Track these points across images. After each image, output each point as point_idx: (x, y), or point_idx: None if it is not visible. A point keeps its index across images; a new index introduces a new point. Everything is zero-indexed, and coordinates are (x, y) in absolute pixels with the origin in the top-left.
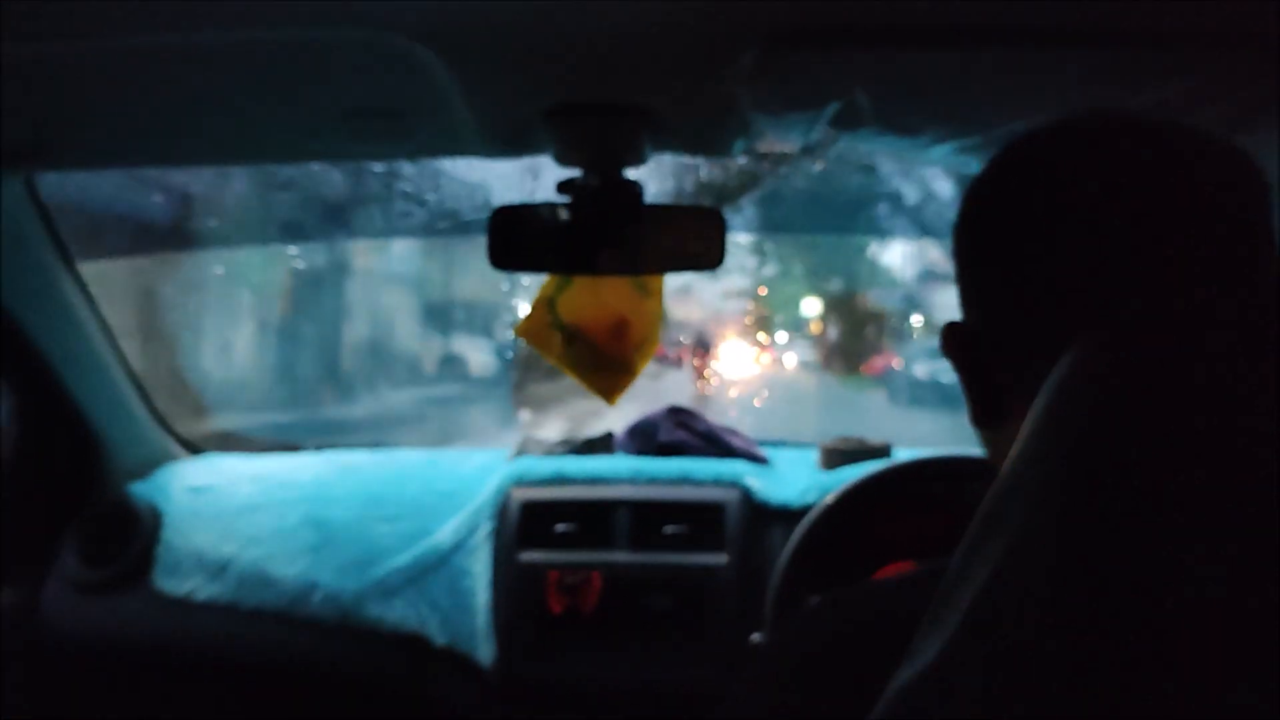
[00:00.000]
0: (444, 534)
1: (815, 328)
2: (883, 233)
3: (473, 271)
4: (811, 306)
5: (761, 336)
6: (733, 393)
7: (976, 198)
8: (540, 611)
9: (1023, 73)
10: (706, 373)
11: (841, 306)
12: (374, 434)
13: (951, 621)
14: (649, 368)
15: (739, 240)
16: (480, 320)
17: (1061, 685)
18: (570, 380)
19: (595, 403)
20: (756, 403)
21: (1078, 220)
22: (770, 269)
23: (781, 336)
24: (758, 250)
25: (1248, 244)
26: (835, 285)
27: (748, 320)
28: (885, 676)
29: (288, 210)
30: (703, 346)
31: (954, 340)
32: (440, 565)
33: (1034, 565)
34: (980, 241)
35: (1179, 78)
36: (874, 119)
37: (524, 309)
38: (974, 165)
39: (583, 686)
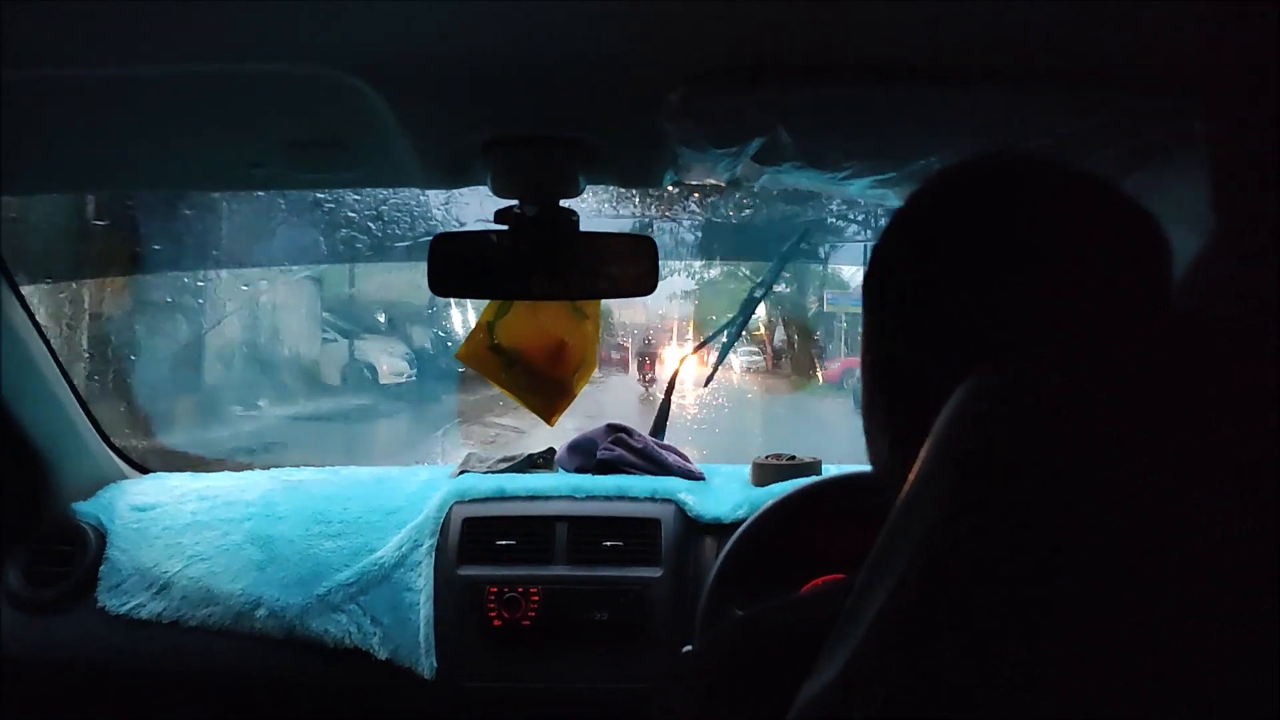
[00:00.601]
0: (387, 550)
1: (762, 332)
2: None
3: (383, 269)
4: (757, 310)
5: (707, 340)
6: (679, 400)
7: (882, 240)
8: (481, 625)
9: (935, 110)
10: (650, 378)
11: (792, 310)
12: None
13: (857, 634)
14: (595, 373)
15: (685, 237)
16: (398, 322)
17: (963, 695)
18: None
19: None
20: (697, 412)
21: (973, 261)
22: (715, 270)
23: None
24: (703, 250)
25: (1137, 281)
26: (784, 288)
27: (692, 324)
28: (798, 688)
29: (225, 236)
30: (648, 352)
31: (865, 360)
32: (383, 581)
33: (933, 578)
34: (886, 280)
35: (1083, 117)
36: (795, 154)
37: (453, 315)
38: (891, 198)
39: (522, 697)
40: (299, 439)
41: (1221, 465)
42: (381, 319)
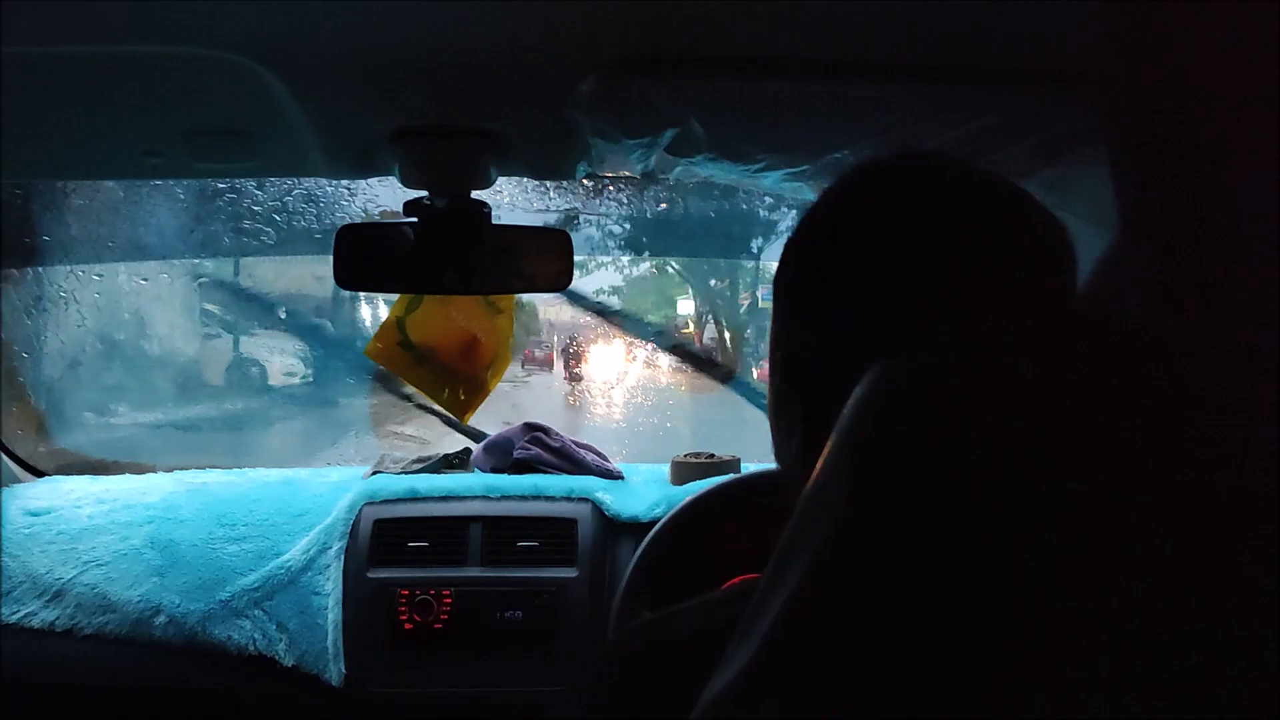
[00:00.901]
0: (294, 553)
1: (690, 329)
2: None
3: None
4: (685, 306)
5: (634, 339)
6: (603, 399)
7: (791, 241)
8: (391, 629)
9: (847, 105)
10: (576, 377)
11: (723, 306)
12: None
13: (760, 632)
14: (517, 372)
15: (613, 230)
16: (295, 316)
17: (864, 691)
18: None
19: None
20: (619, 412)
21: (880, 258)
22: (645, 265)
23: (660, 337)
24: (632, 244)
25: (1039, 277)
26: (716, 283)
27: (617, 321)
28: (700, 690)
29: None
30: (573, 350)
31: (772, 363)
32: (289, 585)
33: (835, 575)
34: (794, 277)
35: (989, 114)
36: (708, 146)
37: (362, 310)
38: (805, 191)
39: (434, 702)
40: (168, 447)
41: (1117, 462)
42: (282, 314)
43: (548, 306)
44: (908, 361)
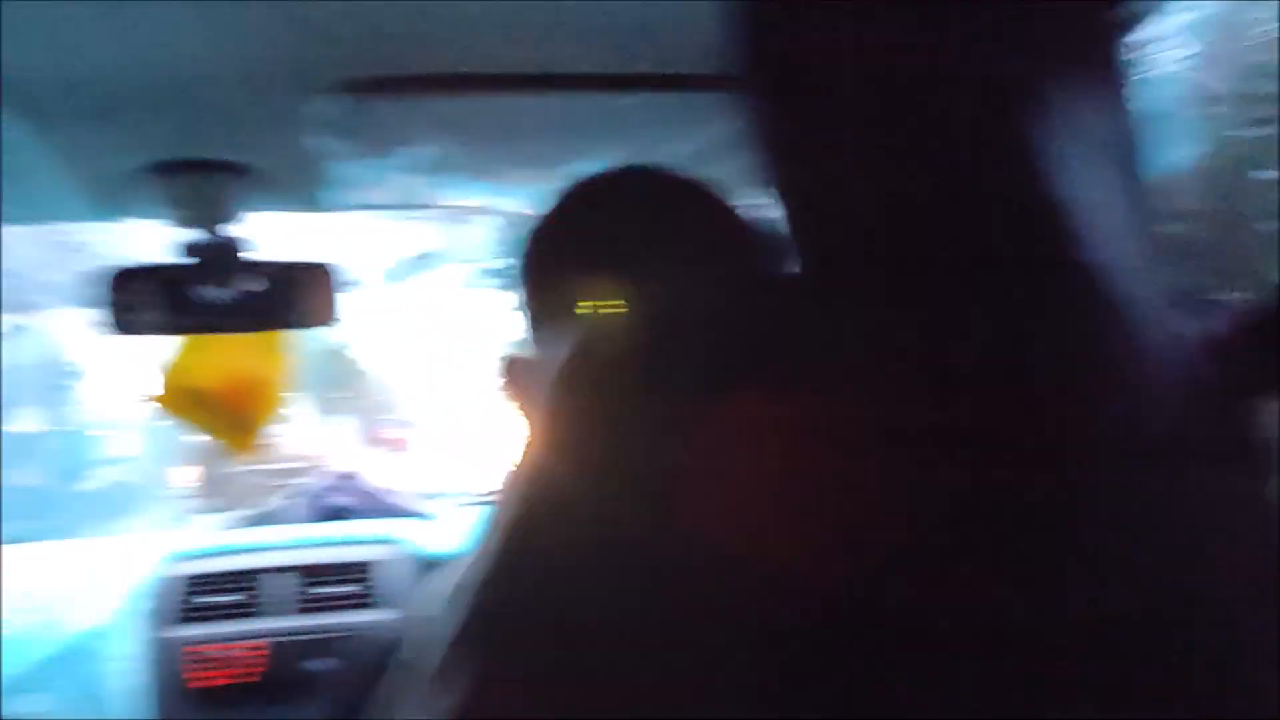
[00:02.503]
0: (96, 619)
1: None
2: None
3: None
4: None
5: None
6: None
7: (526, 243)
8: (200, 687)
9: (586, 118)
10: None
11: None
12: None
13: (453, 629)
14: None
15: None
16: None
17: (532, 690)
18: None
19: None
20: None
21: (587, 256)
22: None
23: None
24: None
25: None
26: None
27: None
28: None
29: None
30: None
31: (511, 373)
32: (92, 652)
33: (498, 577)
34: (527, 278)
35: (714, 125)
36: (452, 165)
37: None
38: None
39: None
40: None
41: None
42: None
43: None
44: (581, 338)
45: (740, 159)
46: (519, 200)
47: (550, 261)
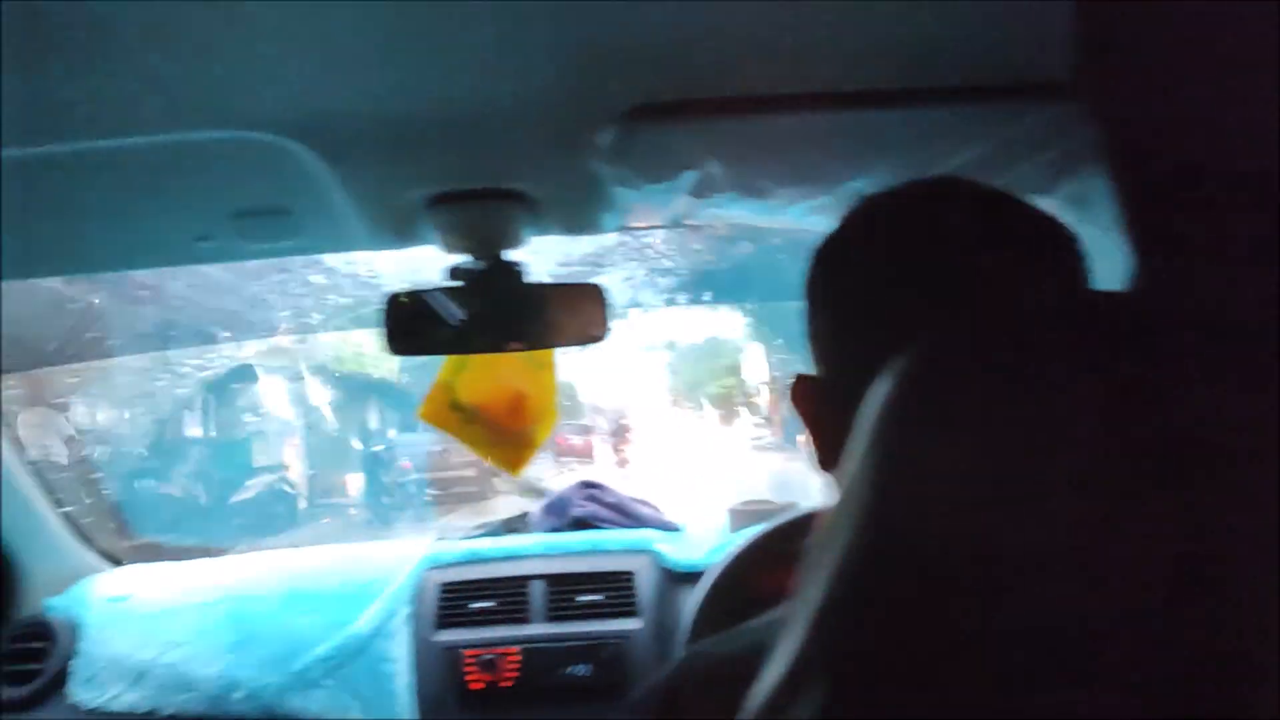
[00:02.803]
0: (363, 621)
1: (766, 398)
2: None
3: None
4: (757, 370)
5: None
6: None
7: (815, 258)
8: (461, 689)
9: (860, 134)
10: (624, 462)
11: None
12: None
13: (799, 634)
14: (547, 469)
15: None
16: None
17: (907, 678)
18: None
19: None
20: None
21: (895, 274)
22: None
23: (722, 409)
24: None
25: (1041, 279)
26: (781, 343)
27: (672, 391)
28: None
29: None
30: (619, 431)
31: (800, 392)
32: (360, 653)
33: (864, 567)
34: (818, 295)
35: (1000, 130)
36: (729, 186)
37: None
38: (826, 224)
39: None
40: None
41: (1136, 439)
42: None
43: (590, 387)
44: (918, 353)
45: (1017, 172)
46: (793, 219)
47: (855, 280)
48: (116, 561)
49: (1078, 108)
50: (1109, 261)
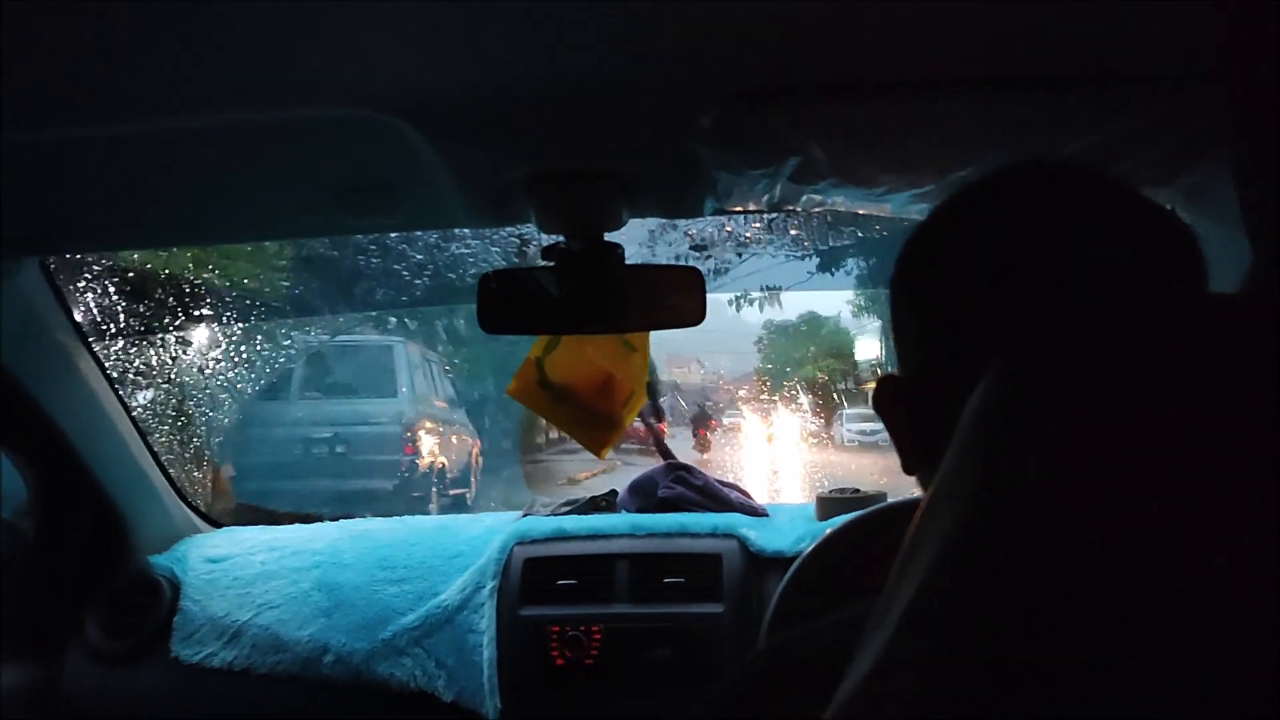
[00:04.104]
0: (450, 593)
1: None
2: None
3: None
4: (869, 349)
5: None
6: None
7: (904, 254)
8: (543, 665)
9: (967, 121)
10: (706, 445)
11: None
12: None
13: (889, 628)
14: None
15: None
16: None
17: (998, 675)
18: None
19: None
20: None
21: (993, 268)
22: (792, 312)
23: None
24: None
25: (1163, 286)
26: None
27: (763, 380)
28: (824, 703)
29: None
30: (702, 417)
31: (886, 393)
32: (446, 623)
33: (961, 562)
34: (908, 293)
35: (1116, 119)
36: (830, 172)
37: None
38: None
39: None
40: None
41: (1251, 446)
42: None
43: (674, 367)
44: (1028, 351)
45: (1131, 163)
46: (895, 208)
47: (948, 274)
48: (216, 523)
49: (1208, 95)
50: (1225, 258)
